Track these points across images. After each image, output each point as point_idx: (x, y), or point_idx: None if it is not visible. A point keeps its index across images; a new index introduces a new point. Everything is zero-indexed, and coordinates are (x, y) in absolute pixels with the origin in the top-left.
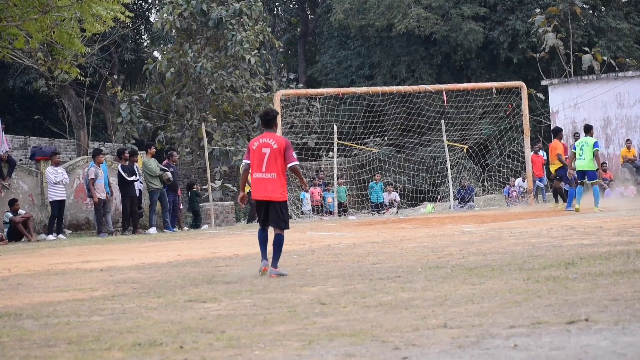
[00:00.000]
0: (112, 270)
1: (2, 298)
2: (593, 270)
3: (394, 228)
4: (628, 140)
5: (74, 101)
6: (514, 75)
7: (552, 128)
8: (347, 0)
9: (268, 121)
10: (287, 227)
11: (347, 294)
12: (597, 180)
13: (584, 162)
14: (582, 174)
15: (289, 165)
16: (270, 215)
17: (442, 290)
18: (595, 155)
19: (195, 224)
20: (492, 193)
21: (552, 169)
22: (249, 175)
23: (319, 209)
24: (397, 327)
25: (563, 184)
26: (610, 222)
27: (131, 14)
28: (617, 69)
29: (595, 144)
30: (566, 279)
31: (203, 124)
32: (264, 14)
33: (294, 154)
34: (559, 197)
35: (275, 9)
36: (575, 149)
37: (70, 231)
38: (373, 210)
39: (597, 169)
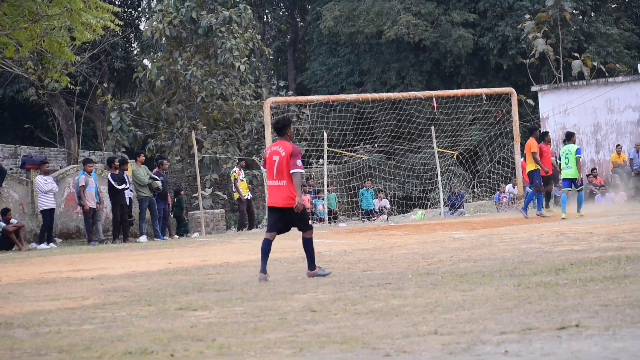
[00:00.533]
0: (102, 278)
1: None
2: (584, 276)
3: (385, 235)
4: (618, 145)
5: (64, 110)
6: (503, 82)
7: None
8: (337, 8)
9: (279, 129)
10: (310, 228)
11: (337, 301)
12: (582, 186)
13: (571, 170)
14: (570, 182)
15: (290, 172)
16: (292, 223)
17: (432, 296)
18: (577, 162)
19: (178, 230)
20: (482, 199)
21: (527, 168)
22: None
23: (310, 216)
24: (388, 334)
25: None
26: (601, 228)
27: (121, 23)
28: (607, 74)
29: (578, 151)
30: (557, 285)
31: (193, 132)
32: (254, 22)
33: (298, 161)
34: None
35: (265, 17)
36: (560, 159)
37: (60, 240)
38: (363, 217)
39: (582, 176)
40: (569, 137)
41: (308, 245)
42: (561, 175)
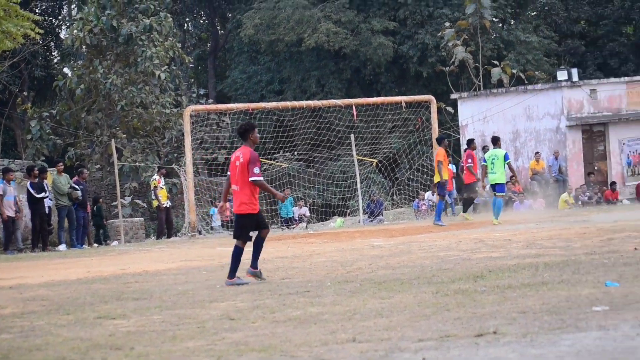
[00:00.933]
0: (21, 287)
1: None
2: (502, 283)
3: (304, 243)
4: (537, 153)
5: None
6: (423, 89)
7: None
8: (257, 16)
9: (241, 134)
10: (243, 239)
11: (256, 309)
12: (504, 193)
13: (496, 175)
14: (494, 187)
15: (249, 180)
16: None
17: (351, 304)
18: (509, 166)
19: (98, 239)
20: (401, 207)
21: (436, 180)
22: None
23: (229, 224)
24: (306, 342)
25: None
26: (519, 235)
27: (41, 31)
28: (526, 82)
29: (506, 156)
30: (475, 292)
31: (113, 140)
32: (174, 30)
33: (256, 169)
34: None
35: (186, 25)
36: (485, 162)
37: None
38: (283, 225)
39: (514, 177)
40: (495, 142)
41: (237, 254)
42: (487, 181)
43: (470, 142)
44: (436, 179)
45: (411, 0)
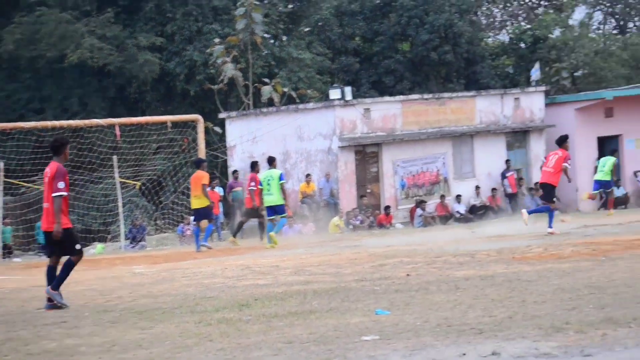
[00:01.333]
0: None
1: None
2: (268, 311)
3: None
4: (308, 175)
5: None
6: (190, 108)
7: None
8: (18, 31)
9: (56, 148)
10: (74, 254)
11: (9, 341)
12: (286, 214)
13: (272, 197)
14: (272, 209)
15: (52, 195)
16: (57, 247)
17: (110, 335)
18: (282, 188)
19: None
20: (165, 232)
21: (194, 204)
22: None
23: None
24: None
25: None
26: (287, 261)
27: None
28: (297, 100)
29: (281, 176)
30: (240, 322)
31: None
32: None
33: (60, 184)
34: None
35: None
36: (261, 184)
37: None
38: (40, 252)
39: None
40: (271, 162)
41: (70, 266)
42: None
43: (254, 164)
44: (203, 203)
45: (180, 15)
